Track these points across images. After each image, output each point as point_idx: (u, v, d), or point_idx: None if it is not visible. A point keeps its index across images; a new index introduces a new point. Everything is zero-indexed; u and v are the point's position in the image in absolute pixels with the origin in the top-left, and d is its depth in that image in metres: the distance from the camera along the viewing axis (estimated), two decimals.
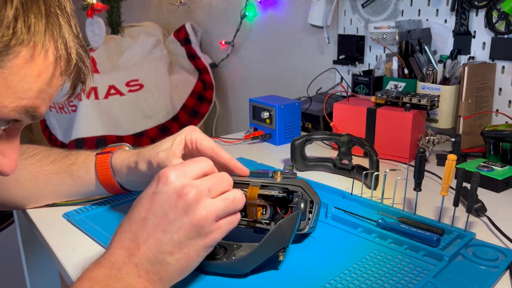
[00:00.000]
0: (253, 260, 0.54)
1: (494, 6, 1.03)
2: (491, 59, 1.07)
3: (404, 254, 0.61)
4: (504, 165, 0.87)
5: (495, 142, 0.93)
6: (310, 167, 0.95)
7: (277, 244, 0.54)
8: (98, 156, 0.69)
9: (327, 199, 0.75)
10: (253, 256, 0.53)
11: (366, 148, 0.84)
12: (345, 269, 0.57)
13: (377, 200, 0.75)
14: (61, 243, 0.65)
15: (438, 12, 1.16)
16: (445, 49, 1.15)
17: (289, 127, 1.15)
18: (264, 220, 0.58)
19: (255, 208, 0.57)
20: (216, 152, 0.62)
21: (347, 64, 1.43)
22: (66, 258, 0.62)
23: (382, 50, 1.32)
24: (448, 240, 0.63)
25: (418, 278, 0.55)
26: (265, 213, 0.59)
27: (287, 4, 1.70)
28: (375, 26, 1.20)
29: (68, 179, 0.70)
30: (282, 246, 0.54)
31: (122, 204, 0.76)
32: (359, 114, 1.03)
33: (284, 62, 1.76)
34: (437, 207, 0.74)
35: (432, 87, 1.06)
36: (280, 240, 0.53)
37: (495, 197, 0.81)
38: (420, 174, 0.69)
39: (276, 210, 0.60)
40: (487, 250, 0.61)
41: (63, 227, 0.70)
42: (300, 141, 0.93)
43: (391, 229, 0.66)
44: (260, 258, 0.54)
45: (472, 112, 1.03)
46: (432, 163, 0.98)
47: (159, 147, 0.63)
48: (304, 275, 0.56)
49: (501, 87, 1.07)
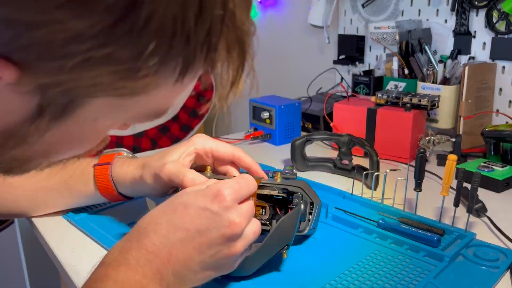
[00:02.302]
0: (258, 259, 0.54)
1: (494, 6, 1.03)
2: (492, 59, 1.07)
3: (404, 254, 0.61)
4: (504, 165, 0.87)
5: (495, 142, 0.93)
6: (310, 167, 0.95)
7: (281, 242, 0.54)
8: (97, 168, 0.66)
9: (327, 200, 0.75)
10: (259, 255, 0.53)
11: (367, 148, 0.84)
12: (345, 269, 0.57)
13: (378, 200, 0.75)
14: (61, 244, 0.65)
15: (439, 12, 1.16)
16: (445, 49, 1.15)
17: (289, 127, 1.15)
18: (263, 221, 0.58)
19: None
20: (237, 157, 0.64)
21: (347, 64, 1.43)
22: (66, 258, 0.61)
23: (382, 50, 1.32)
24: (449, 240, 0.63)
25: (418, 278, 0.55)
26: (264, 213, 0.59)
27: (287, 4, 1.70)
28: (375, 26, 1.20)
29: (66, 193, 0.68)
30: (286, 243, 0.54)
31: (122, 204, 0.75)
32: (359, 114, 1.03)
33: (284, 62, 1.76)
34: (437, 208, 0.74)
35: (432, 87, 1.06)
36: (283, 237, 0.54)
37: (495, 197, 0.81)
38: (420, 174, 0.69)
39: (276, 211, 0.59)
40: (487, 250, 0.61)
41: (63, 228, 0.69)
42: (300, 141, 0.92)
43: (391, 230, 0.65)
44: (265, 257, 0.54)
45: (473, 112, 1.02)
46: (432, 163, 0.98)
47: (165, 158, 0.61)
48: (305, 275, 0.56)
49: (502, 87, 1.07)
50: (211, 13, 0.26)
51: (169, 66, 0.27)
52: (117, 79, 0.26)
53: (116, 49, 0.24)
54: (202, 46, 0.27)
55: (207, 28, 0.26)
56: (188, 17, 0.25)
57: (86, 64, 0.24)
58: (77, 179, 0.67)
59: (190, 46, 0.26)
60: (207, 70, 0.30)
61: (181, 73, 0.28)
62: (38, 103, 0.27)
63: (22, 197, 0.68)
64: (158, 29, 0.24)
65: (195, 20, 0.25)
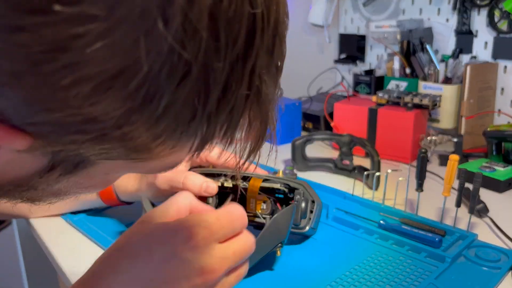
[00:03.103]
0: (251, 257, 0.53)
1: (496, 5, 1.03)
2: (494, 59, 1.07)
3: (406, 255, 0.60)
4: (506, 165, 0.86)
5: (497, 142, 0.93)
6: (310, 168, 0.94)
7: (273, 239, 0.53)
8: None
9: (328, 200, 0.75)
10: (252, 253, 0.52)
11: (367, 149, 0.84)
12: (346, 270, 0.57)
13: (379, 201, 0.75)
14: (59, 245, 0.65)
15: (440, 11, 1.15)
16: (447, 48, 1.15)
17: (289, 127, 1.14)
18: (263, 215, 0.58)
19: (255, 201, 0.57)
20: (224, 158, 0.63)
21: (348, 64, 1.43)
22: (64, 259, 0.61)
23: (384, 49, 1.31)
24: (450, 241, 0.63)
25: (420, 279, 0.55)
26: (265, 208, 0.58)
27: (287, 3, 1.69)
28: (377, 25, 1.20)
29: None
30: (279, 241, 0.53)
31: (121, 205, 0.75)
32: (360, 114, 1.02)
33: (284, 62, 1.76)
34: (439, 208, 0.74)
35: (434, 87, 1.06)
36: (276, 234, 0.53)
37: (497, 198, 0.80)
38: (422, 175, 0.69)
39: (277, 206, 0.59)
40: (489, 251, 0.60)
41: (61, 228, 0.69)
42: (301, 141, 0.92)
43: (392, 230, 0.65)
44: (258, 255, 0.52)
45: (474, 112, 1.02)
46: (434, 164, 0.97)
47: None
48: (305, 276, 0.56)
49: (503, 87, 1.06)
50: (236, 94, 0.23)
51: (187, 143, 0.26)
52: (131, 152, 0.25)
53: (131, 130, 0.23)
54: (222, 125, 0.25)
55: (230, 109, 0.24)
56: (210, 101, 0.23)
57: (100, 139, 0.23)
58: None
59: (210, 127, 0.25)
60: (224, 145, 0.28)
61: (197, 149, 0.27)
62: (49, 161, 0.26)
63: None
64: (177, 115, 0.23)
65: (217, 103, 0.23)
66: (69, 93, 0.20)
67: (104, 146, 0.24)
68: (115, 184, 0.66)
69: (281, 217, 0.53)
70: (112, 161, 0.27)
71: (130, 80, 0.20)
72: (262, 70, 0.24)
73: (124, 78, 0.20)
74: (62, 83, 0.20)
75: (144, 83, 0.21)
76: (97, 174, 0.29)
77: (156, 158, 0.27)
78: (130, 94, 0.21)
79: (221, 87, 0.23)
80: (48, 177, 0.27)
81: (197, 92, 0.22)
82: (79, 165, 0.27)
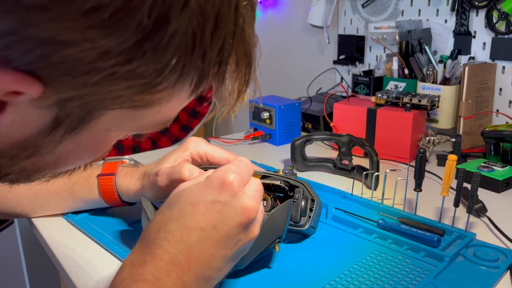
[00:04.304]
0: (250, 253, 0.52)
1: (494, 6, 1.03)
2: (492, 59, 1.07)
3: (404, 254, 0.61)
4: (504, 165, 0.87)
5: (495, 143, 0.93)
6: (310, 168, 0.95)
7: (271, 235, 0.53)
8: (101, 178, 0.67)
9: (327, 200, 0.75)
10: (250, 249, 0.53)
11: (366, 149, 0.84)
12: (345, 269, 0.57)
13: (378, 200, 0.75)
14: (61, 244, 0.65)
15: (438, 12, 1.16)
16: (445, 49, 1.15)
17: (289, 127, 1.15)
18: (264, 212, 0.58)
19: None
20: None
21: (347, 64, 1.43)
22: (66, 259, 0.61)
23: (382, 50, 1.32)
24: (449, 240, 0.63)
25: (418, 278, 0.55)
26: (266, 205, 0.59)
27: (287, 4, 1.70)
28: (375, 26, 1.20)
29: (69, 198, 0.69)
30: (277, 236, 0.53)
31: None
32: (359, 114, 1.03)
33: (284, 62, 1.76)
34: (437, 208, 0.74)
35: (432, 87, 1.06)
36: (274, 230, 0.53)
37: (495, 198, 0.81)
38: (420, 175, 0.69)
39: (277, 203, 0.59)
40: (487, 250, 0.61)
41: (63, 228, 0.69)
42: (300, 141, 0.93)
43: (391, 230, 0.65)
44: (256, 251, 0.52)
45: (473, 112, 1.02)
46: (432, 164, 0.98)
47: (161, 165, 0.62)
48: (304, 275, 0.56)
49: (502, 87, 1.07)
50: (225, 29, 0.27)
51: (186, 80, 0.29)
52: (136, 93, 0.28)
53: (140, 64, 0.26)
54: (215, 60, 0.29)
55: (221, 43, 0.28)
56: (205, 33, 0.26)
57: (109, 79, 0.26)
58: (81, 186, 0.68)
59: (205, 61, 0.28)
60: (217, 83, 0.31)
61: (195, 87, 0.30)
62: (55, 116, 0.28)
63: (24, 198, 0.68)
64: (180, 45, 0.26)
65: (211, 36, 0.27)
66: (87, 22, 0.23)
67: (112, 87, 0.26)
68: (117, 184, 0.66)
69: (278, 213, 0.53)
70: (115, 111, 0.29)
71: (141, 7, 0.23)
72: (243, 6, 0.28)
73: (136, 5, 0.23)
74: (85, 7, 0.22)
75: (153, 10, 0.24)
76: (99, 131, 0.31)
77: (157, 104, 0.30)
78: (140, 23, 0.24)
79: (213, 20, 0.26)
80: (52, 137, 0.29)
81: (195, 22, 0.25)
82: (85, 118, 0.29)
